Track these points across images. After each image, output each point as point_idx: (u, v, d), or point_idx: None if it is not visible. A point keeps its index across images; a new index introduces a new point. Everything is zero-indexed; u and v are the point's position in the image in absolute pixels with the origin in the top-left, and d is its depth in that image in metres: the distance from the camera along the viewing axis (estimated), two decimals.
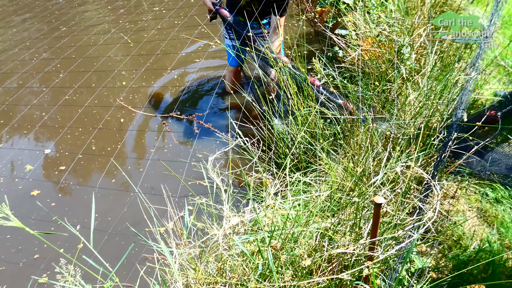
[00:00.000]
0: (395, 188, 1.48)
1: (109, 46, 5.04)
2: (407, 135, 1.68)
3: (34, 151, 3.29)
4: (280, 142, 2.36)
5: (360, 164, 1.87)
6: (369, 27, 2.79)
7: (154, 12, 6.05)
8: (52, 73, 4.53)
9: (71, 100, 3.93)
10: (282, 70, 2.23)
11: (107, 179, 2.87)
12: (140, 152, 3.05)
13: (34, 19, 6.56)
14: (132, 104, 3.66)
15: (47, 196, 2.80)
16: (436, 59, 2.51)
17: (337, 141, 2.19)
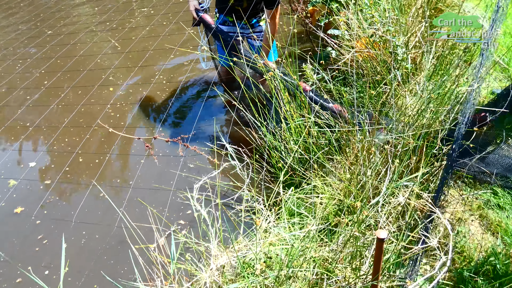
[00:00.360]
0: (397, 219, 1.38)
1: (97, 49, 4.90)
2: (407, 146, 1.59)
3: (18, 165, 3.16)
4: (273, 152, 2.26)
5: (356, 176, 1.78)
6: (362, 27, 2.69)
7: (143, 13, 5.90)
8: (37, 81, 4.39)
9: (57, 111, 3.80)
10: (273, 77, 2.13)
11: (92, 196, 2.76)
12: (123, 177, 2.94)
13: (20, 22, 6.38)
14: (119, 112, 3.54)
15: (32, 213, 2.68)
16: (433, 62, 2.41)
17: (332, 150, 2.09)
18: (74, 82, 4.21)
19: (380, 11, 2.55)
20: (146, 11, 5.95)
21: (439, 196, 1.25)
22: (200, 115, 3.30)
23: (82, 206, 2.66)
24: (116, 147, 3.14)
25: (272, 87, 2.14)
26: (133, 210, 2.55)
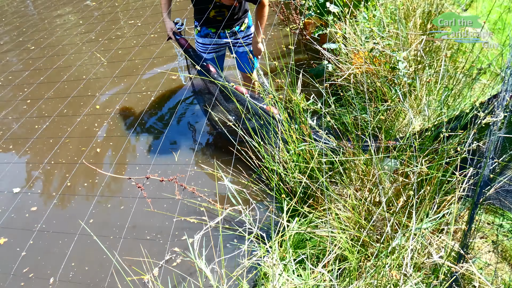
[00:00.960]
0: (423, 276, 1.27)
1: (79, 61, 4.74)
2: (420, 176, 1.49)
3: (1, 191, 2.99)
4: (273, 175, 2.15)
5: (363, 204, 1.67)
6: (360, 40, 2.60)
7: (129, 24, 5.76)
8: (15, 93, 4.21)
9: (42, 131, 3.63)
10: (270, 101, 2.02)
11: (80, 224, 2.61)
12: (114, 201, 2.79)
13: (3, 31, 6.18)
14: (108, 133, 3.40)
15: (17, 244, 2.52)
16: (436, 79, 2.33)
17: (336, 175, 1.99)
18: (59, 97, 4.05)
19: (379, 25, 2.46)
20: (133, 22, 5.81)
21: (467, 242, 1.15)
22: (191, 135, 3.18)
23: (70, 234, 2.51)
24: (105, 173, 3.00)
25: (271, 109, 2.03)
26: (125, 236, 2.40)
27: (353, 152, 1.88)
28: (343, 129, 2.01)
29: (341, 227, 1.56)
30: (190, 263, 2.10)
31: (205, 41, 2.74)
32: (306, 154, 2.02)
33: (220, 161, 2.79)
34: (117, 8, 6.52)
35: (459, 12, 2.87)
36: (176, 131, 3.25)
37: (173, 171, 2.84)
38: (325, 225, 1.69)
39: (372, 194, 1.77)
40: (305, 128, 1.82)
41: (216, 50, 2.79)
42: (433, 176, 1.48)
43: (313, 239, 1.69)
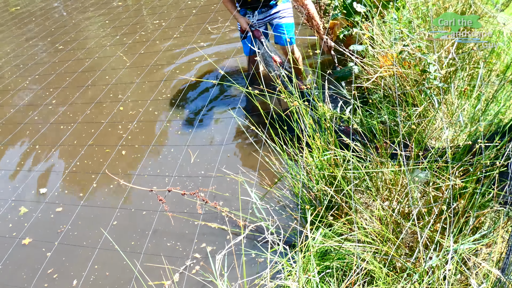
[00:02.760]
0: None
1: (105, 64, 4.80)
2: (454, 189, 1.40)
3: (29, 190, 3.05)
4: (293, 181, 2.09)
5: (391, 216, 1.60)
6: (389, 42, 2.50)
7: (154, 24, 5.80)
8: (44, 97, 4.31)
9: (68, 133, 3.70)
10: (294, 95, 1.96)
11: (105, 224, 2.62)
12: (136, 203, 2.79)
13: (33, 33, 6.34)
14: (133, 136, 3.42)
15: (42, 244, 2.56)
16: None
17: (362, 184, 1.91)
18: (78, 98, 4.11)
19: (409, 26, 2.36)
20: (157, 23, 5.85)
21: (506, 265, 1.06)
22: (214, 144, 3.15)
23: (94, 235, 2.53)
24: (132, 174, 3.01)
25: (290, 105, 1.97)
26: (147, 241, 2.40)
27: (380, 160, 1.81)
28: (370, 136, 1.93)
29: (367, 240, 1.49)
30: (210, 271, 2.07)
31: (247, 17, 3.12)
32: (331, 161, 1.95)
33: (244, 167, 2.75)
34: (143, 9, 6.58)
35: (495, 13, 2.72)
36: (200, 136, 3.22)
37: (196, 180, 2.82)
38: (351, 237, 1.63)
39: (400, 205, 1.69)
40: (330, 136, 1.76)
41: (256, 26, 3.12)
42: (467, 189, 1.39)
43: (338, 251, 1.62)
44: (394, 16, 2.25)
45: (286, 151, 2.13)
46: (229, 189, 2.62)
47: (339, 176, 1.85)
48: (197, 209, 1.49)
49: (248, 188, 1.56)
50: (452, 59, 2.30)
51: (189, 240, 2.34)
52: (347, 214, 1.88)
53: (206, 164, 2.90)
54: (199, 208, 1.47)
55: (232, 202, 2.52)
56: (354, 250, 1.42)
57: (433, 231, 1.38)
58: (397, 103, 1.76)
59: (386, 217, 1.60)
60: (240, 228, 2.26)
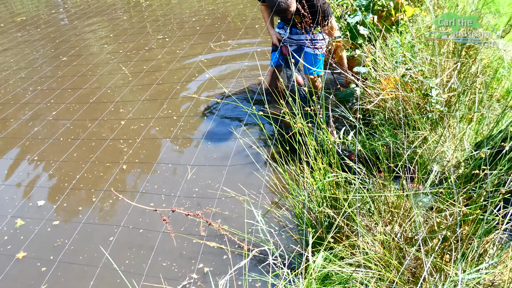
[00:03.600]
0: None
1: (108, 79, 4.83)
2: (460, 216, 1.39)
3: (26, 203, 3.02)
4: (294, 201, 2.08)
5: (393, 240, 1.58)
6: (392, 64, 2.53)
7: (158, 40, 5.87)
8: (45, 112, 4.31)
9: (72, 149, 3.69)
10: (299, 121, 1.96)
11: (100, 239, 2.59)
12: (131, 220, 2.76)
13: (37, 45, 6.39)
14: (134, 152, 3.41)
15: (36, 259, 2.52)
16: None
17: (364, 207, 1.90)
18: (81, 113, 4.12)
19: (411, 50, 2.39)
20: (161, 40, 5.91)
21: None
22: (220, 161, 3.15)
23: (90, 251, 2.49)
24: (129, 191, 3.00)
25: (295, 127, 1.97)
26: (143, 258, 2.37)
27: (383, 183, 1.80)
28: (373, 158, 1.93)
29: (369, 266, 1.47)
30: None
31: (280, 32, 3.32)
32: (333, 183, 1.94)
33: (245, 186, 2.74)
34: (148, 26, 6.66)
35: (495, 39, 2.76)
36: (202, 155, 3.21)
37: (196, 198, 2.81)
38: (353, 261, 1.60)
39: (403, 230, 1.68)
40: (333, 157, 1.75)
41: (287, 43, 3.33)
42: (471, 215, 1.38)
43: (339, 274, 1.60)
44: (397, 40, 2.27)
45: (287, 171, 2.13)
46: (228, 208, 2.61)
47: (341, 198, 1.84)
48: (201, 230, 1.47)
49: (254, 210, 1.55)
50: (454, 83, 2.32)
51: (187, 259, 2.31)
52: (349, 237, 1.86)
53: (205, 182, 2.89)
54: (202, 230, 1.44)
55: (230, 221, 2.50)
56: (356, 275, 1.40)
57: (438, 257, 1.36)
58: (403, 128, 1.76)
59: (388, 242, 1.58)
60: (241, 249, 2.23)
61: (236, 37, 5.52)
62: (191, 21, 6.49)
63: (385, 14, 2.79)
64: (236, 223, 2.49)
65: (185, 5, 7.61)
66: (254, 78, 4.22)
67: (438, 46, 2.57)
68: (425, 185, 1.58)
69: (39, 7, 9.37)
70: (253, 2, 7.02)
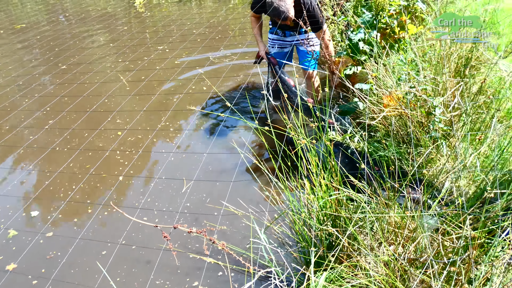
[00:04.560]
0: None
1: (106, 89, 4.80)
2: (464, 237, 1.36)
3: (19, 213, 2.96)
4: (295, 217, 2.04)
5: (396, 260, 1.54)
6: (394, 83, 2.52)
7: (158, 50, 5.87)
8: (42, 120, 4.27)
9: (68, 159, 3.64)
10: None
11: (93, 255, 2.52)
12: (126, 236, 2.71)
13: (36, 54, 6.37)
14: (131, 163, 3.37)
15: (28, 271, 2.45)
16: None
17: (366, 224, 1.86)
18: (78, 123, 4.08)
19: (415, 68, 2.39)
20: (161, 50, 5.91)
21: None
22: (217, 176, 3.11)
23: (83, 265, 2.43)
24: (126, 201, 2.95)
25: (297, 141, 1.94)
26: (138, 271, 2.31)
27: (386, 203, 1.77)
28: (377, 176, 1.90)
29: (373, 287, 1.43)
30: None
31: (273, 37, 3.42)
32: (335, 200, 1.91)
33: (244, 201, 2.70)
34: (147, 37, 6.67)
35: (497, 59, 2.77)
36: (203, 169, 3.17)
37: (199, 214, 2.76)
38: (356, 282, 1.56)
39: (406, 251, 1.64)
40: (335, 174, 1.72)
41: (281, 46, 3.43)
42: (478, 238, 1.35)
43: None
44: (401, 57, 2.27)
45: (288, 187, 2.09)
46: (225, 223, 2.56)
47: (343, 215, 1.81)
48: (204, 249, 1.42)
49: (258, 228, 1.51)
50: (457, 103, 2.31)
51: (183, 276, 2.25)
52: (350, 256, 1.82)
53: (203, 197, 2.85)
54: (206, 248, 1.40)
55: (228, 237, 2.45)
56: None
57: (444, 281, 1.32)
58: (409, 145, 1.73)
59: (393, 263, 1.54)
60: (239, 266, 2.18)
61: (237, 50, 5.53)
62: (192, 33, 6.52)
63: (389, 32, 2.80)
64: (233, 238, 2.45)
65: (186, 17, 7.65)
66: (257, 91, 4.22)
67: (441, 65, 2.57)
68: (432, 206, 1.55)
69: (39, 15, 9.39)
70: None
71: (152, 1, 9.08)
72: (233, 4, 8.14)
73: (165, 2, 8.90)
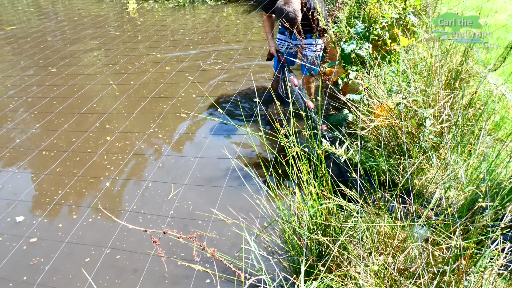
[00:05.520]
0: None
1: (95, 93, 4.75)
2: (455, 248, 1.36)
3: (4, 218, 2.88)
4: (287, 228, 2.02)
5: (386, 270, 1.54)
6: (385, 94, 2.54)
7: (149, 56, 5.84)
8: (29, 122, 4.20)
9: (55, 163, 3.57)
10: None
11: (77, 262, 2.47)
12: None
13: (25, 56, 6.28)
14: (118, 169, 3.33)
15: (9, 278, 2.38)
16: None
17: (356, 233, 1.85)
18: (66, 126, 4.02)
19: (406, 79, 2.41)
20: (153, 56, 5.89)
21: None
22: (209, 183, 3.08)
23: (66, 271, 2.37)
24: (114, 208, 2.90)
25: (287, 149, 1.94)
26: (121, 283, 2.26)
27: (376, 212, 1.77)
28: (367, 185, 1.90)
29: None
30: None
31: (281, 37, 3.73)
32: (325, 209, 1.90)
33: (233, 209, 2.67)
34: (140, 43, 6.65)
35: (486, 73, 2.81)
36: (192, 176, 3.14)
37: (188, 220, 2.73)
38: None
39: (396, 261, 1.63)
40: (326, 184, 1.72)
41: (288, 46, 3.72)
42: (468, 249, 1.35)
43: None
44: (393, 69, 2.29)
45: (278, 195, 2.08)
46: (215, 230, 2.53)
47: (333, 224, 1.80)
48: (194, 255, 1.39)
49: (248, 237, 1.49)
50: (447, 114, 2.33)
51: (170, 284, 2.21)
52: (340, 265, 1.81)
53: (191, 204, 2.82)
54: (195, 254, 1.37)
55: (217, 244, 2.42)
56: None
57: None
58: (403, 157, 1.74)
59: (383, 273, 1.54)
60: (228, 275, 2.15)
61: (229, 57, 5.54)
62: (185, 40, 6.51)
63: (380, 43, 2.83)
64: (222, 246, 2.42)
65: (179, 23, 7.65)
66: (249, 98, 4.21)
67: (431, 78, 2.60)
68: (422, 216, 1.55)
69: (31, 17, 9.30)
70: (246, 27, 7.09)
71: (145, 6, 9.06)
72: (226, 12, 8.17)
73: (158, 8, 8.89)
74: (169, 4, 9.02)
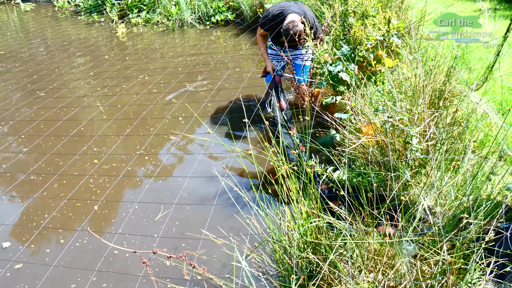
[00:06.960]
0: None
1: (84, 115, 4.75)
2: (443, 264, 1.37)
3: None
4: (278, 247, 2.02)
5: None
6: (372, 113, 2.59)
7: (138, 78, 5.88)
8: (16, 146, 4.16)
9: (42, 187, 3.53)
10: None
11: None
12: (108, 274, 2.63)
13: (18, 82, 6.26)
14: (105, 192, 3.30)
15: None
16: None
17: (346, 251, 1.86)
18: (54, 150, 4.00)
19: (392, 99, 2.47)
20: (141, 79, 5.93)
21: None
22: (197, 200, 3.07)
23: None
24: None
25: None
26: None
27: (365, 230, 1.78)
28: (356, 203, 1.92)
29: None
30: None
31: (272, 52, 3.90)
32: (315, 227, 1.91)
33: (223, 229, 2.66)
34: (129, 66, 6.69)
35: (469, 92, 2.90)
36: (183, 197, 3.12)
37: (177, 240, 2.70)
38: None
39: (386, 277, 1.64)
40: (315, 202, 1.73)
41: (279, 60, 3.86)
42: (455, 263, 1.37)
43: None
44: (379, 89, 2.35)
45: (268, 215, 2.08)
46: (204, 250, 2.51)
47: (323, 242, 1.80)
48: (183, 274, 1.38)
49: (240, 257, 1.48)
50: (433, 133, 2.39)
51: None
52: (331, 284, 1.81)
53: (180, 224, 2.79)
54: (185, 272, 1.36)
55: (207, 265, 2.39)
56: None
57: None
58: (391, 172, 1.77)
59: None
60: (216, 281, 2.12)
61: (217, 79, 5.60)
62: (174, 63, 6.58)
63: (366, 64, 2.90)
64: (212, 266, 2.39)
65: (168, 46, 7.74)
66: (238, 118, 4.25)
67: (416, 97, 2.67)
68: (408, 232, 1.57)
69: (20, 41, 9.32)
70: (234, 50, 7.21)
71: (134, 31, 9.16)
72: (214, 36, 8.30)
73: (148, 32, 9.00)
74: (159, 28, 9.13)
